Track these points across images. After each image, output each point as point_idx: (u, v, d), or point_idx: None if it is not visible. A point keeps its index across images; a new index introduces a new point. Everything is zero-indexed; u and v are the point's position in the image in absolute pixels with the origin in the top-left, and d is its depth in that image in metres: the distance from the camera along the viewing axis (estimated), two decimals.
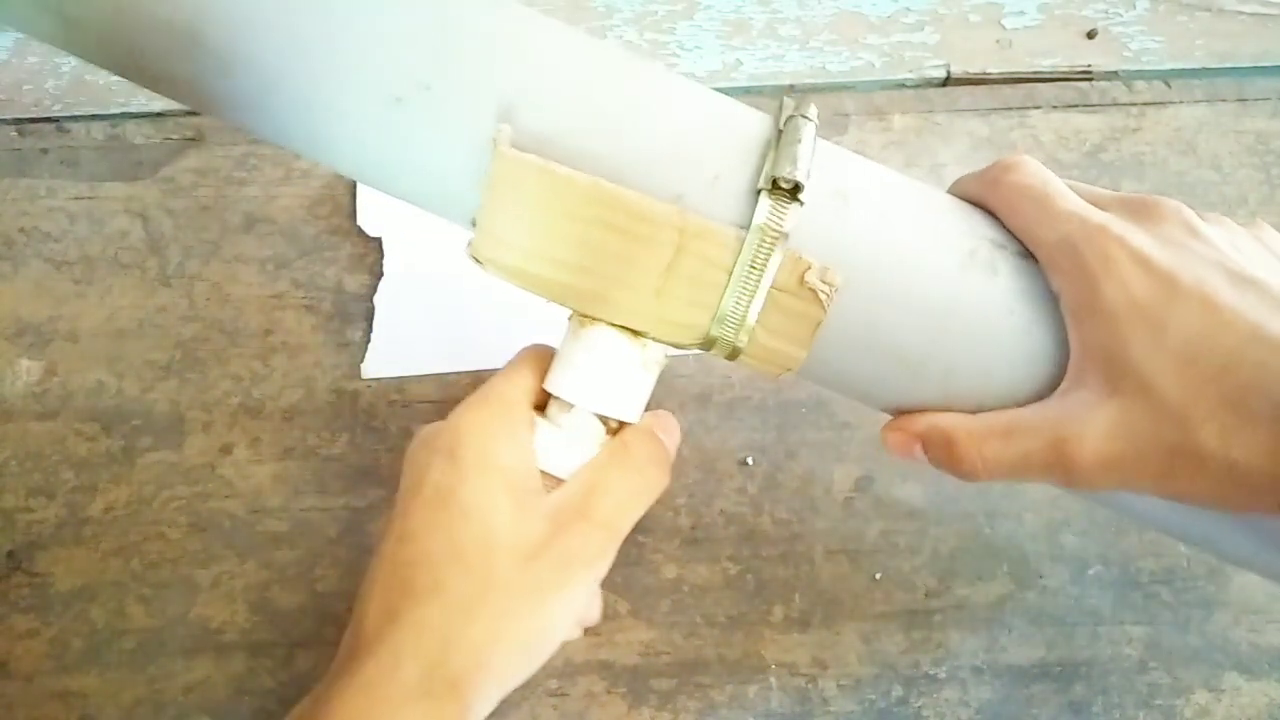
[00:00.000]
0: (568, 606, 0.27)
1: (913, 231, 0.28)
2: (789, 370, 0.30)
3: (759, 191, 0.28)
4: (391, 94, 0.28)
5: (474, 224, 0.29)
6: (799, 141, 0.28)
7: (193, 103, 0.31)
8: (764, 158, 0.28)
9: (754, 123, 0.29)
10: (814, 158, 0.28)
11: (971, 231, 0.29)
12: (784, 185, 0.27)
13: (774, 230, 0.27)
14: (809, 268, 0.27)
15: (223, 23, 0.28)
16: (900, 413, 0.30)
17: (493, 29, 0.28)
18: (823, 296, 0.27)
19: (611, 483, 0.29)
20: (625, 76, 0.29)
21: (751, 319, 0.28)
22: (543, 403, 0.31)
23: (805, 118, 0.28)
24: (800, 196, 0.27)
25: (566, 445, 0.30)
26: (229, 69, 0.28)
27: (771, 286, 0.28)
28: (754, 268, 0.27)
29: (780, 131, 0.28)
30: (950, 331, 0.28)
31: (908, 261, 0.28)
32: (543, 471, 0.30)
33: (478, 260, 0.29)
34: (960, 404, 0.29)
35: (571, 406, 0.30)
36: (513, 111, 0.28)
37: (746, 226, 0.28)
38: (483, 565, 0.26)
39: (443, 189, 0.29)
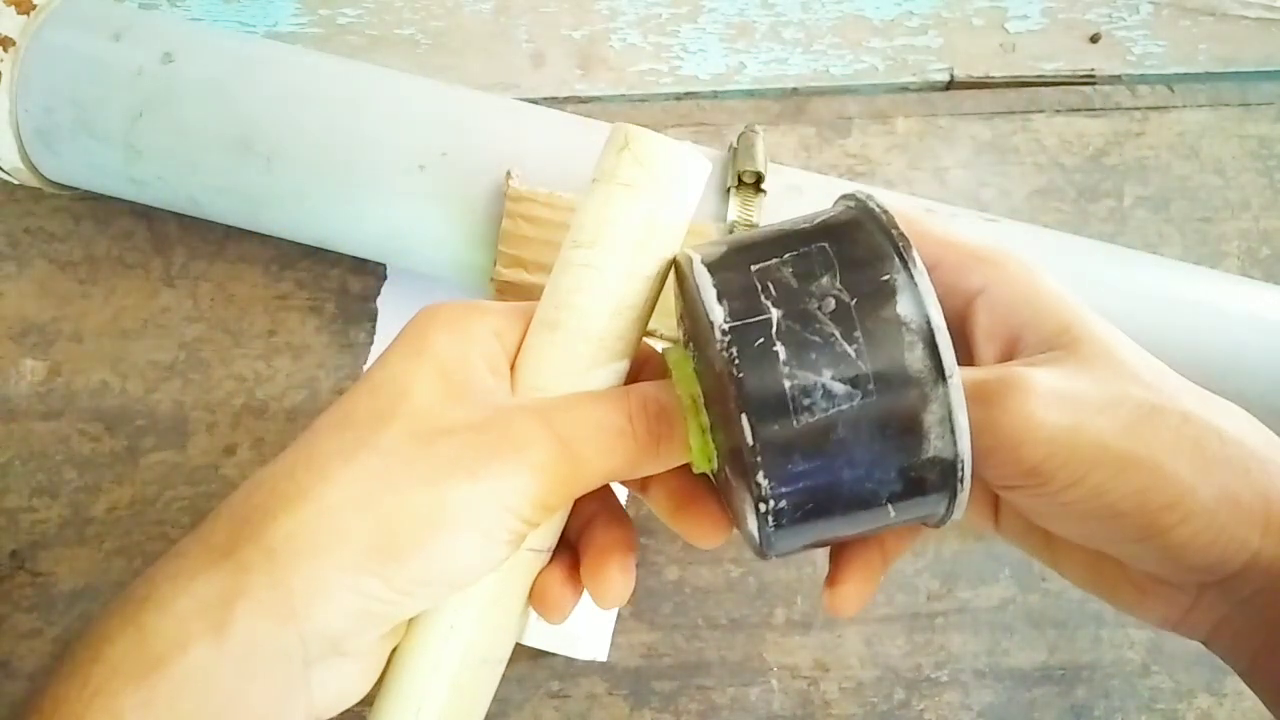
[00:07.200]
0: (468, 501, 0.21)
1: None
2: None
3: (729, 189, 0.33)
4: (415, 163, 0.35)
5: (495, 260, 0.35)
6: (754, 146, 0.34)
7: (234, 212, 0.37)
8: (727, 166, 0.34)
9: (710, 151, 0.35)
10: (767, 161, 0.34)
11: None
12: (748, 180, 0.33)
13: (746, 217, 0.33)
14: None
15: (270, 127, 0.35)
16: None
17: (492, 106, 0.36)
18: None
19: (593, 411, 0.23)
20: (595, 127, 0.36)
21: None
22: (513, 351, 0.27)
23: (754, 131, 0.35)
24: (763, 187, 0.33)
25: None
26: (270, 165, 0.35)
27: None
28: None
29: (735, 147, 0.34)
30: None
31: None
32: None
33: (499, 286, 0.34)
34: None
35: None
36: (515, 160, 0.35)
37: (724, 219, 0.33)
38: (365, 427, 0.22)
39: (462, 236, 0.35)
